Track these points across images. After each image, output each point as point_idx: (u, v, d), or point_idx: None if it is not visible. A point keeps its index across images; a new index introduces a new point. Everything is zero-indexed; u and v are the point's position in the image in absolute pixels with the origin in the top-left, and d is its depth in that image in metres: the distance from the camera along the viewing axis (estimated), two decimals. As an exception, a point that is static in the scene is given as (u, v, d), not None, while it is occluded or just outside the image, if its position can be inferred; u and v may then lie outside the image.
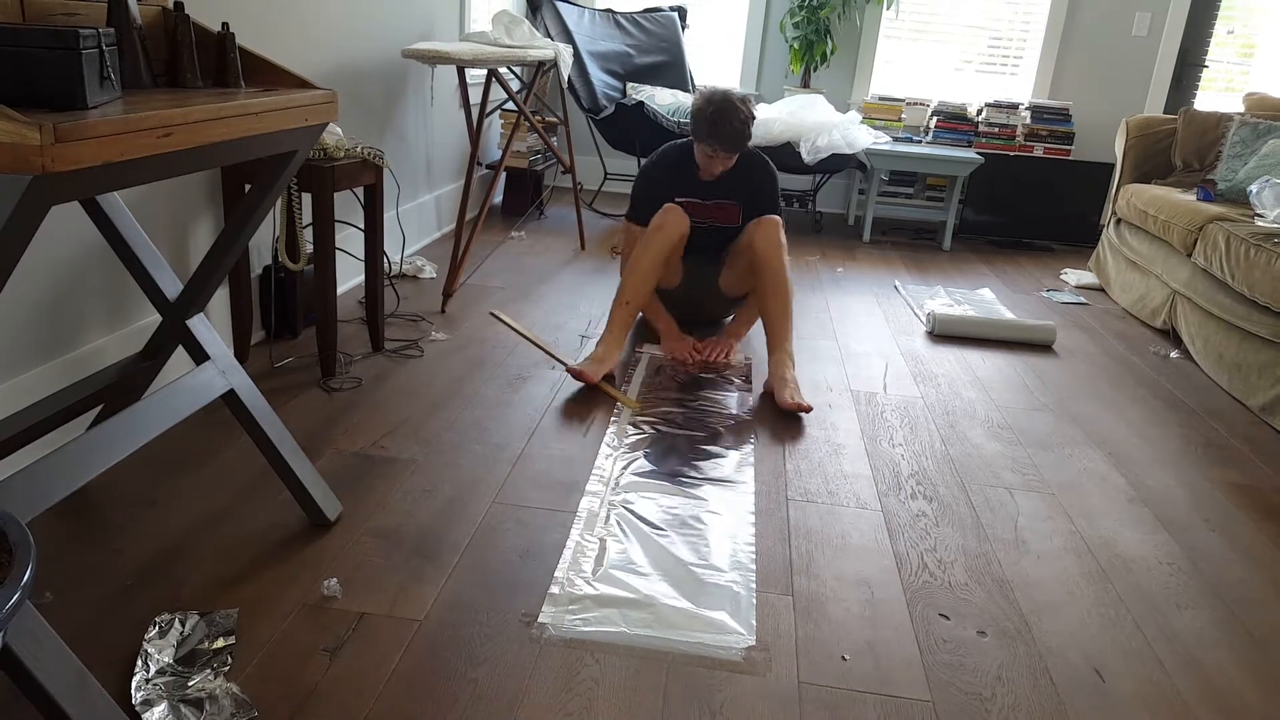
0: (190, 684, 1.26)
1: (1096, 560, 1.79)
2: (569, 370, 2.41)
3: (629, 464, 2.02)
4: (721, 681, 1.37)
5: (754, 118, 2.60)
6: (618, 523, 1.77)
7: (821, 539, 1.79)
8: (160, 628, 1.36)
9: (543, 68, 3.59)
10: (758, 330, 3.03)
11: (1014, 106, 4.76)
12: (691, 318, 3.02)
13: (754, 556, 1.70)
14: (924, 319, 3.29)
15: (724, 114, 2.54)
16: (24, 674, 0.98)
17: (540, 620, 1.47)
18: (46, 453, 1.24)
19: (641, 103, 4.22)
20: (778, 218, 2.64)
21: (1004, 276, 4.12)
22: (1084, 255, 4.70)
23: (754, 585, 1.61)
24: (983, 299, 3.64)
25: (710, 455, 2.09)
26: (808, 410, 2.33)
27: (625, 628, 1.46)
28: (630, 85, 4.55)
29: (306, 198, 2.40)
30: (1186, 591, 1.71)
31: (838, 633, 1.51)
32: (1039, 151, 4.77)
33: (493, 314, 2.79)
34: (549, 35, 4.40)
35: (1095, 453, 2.30)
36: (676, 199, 2.76)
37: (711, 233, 2.84)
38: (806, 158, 4.16)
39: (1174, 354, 3.15)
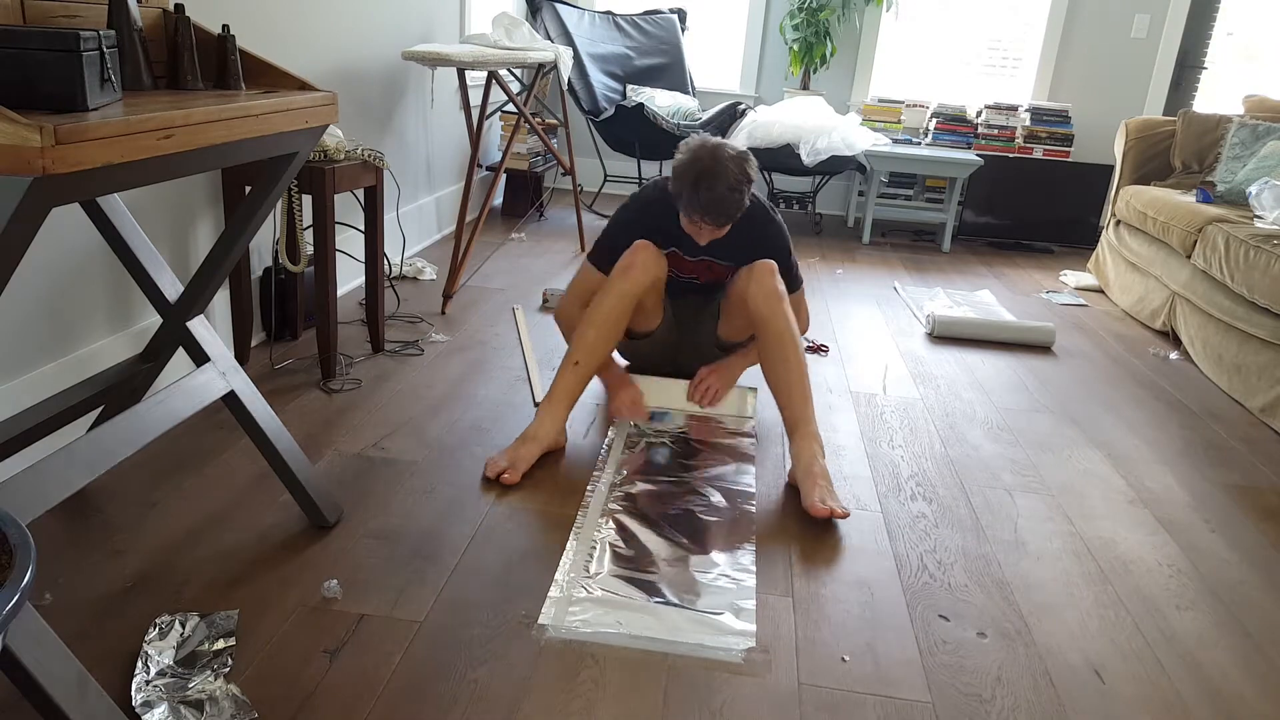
0: (190, 685, 1.26)
1: (1096, 561, 1.79)
2: (486, 471, 1.94)
3: (629, 465, 2.02)
4: (721, 683, 1.37)
5: (749, 180, 2.03)
6: (617, 524, 1.77)
7: (821, 540, 1.79)
8: (160, 629, 1.36)
9: (543, 70, 3.60)
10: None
11: (1013, 108, 4.77)
12: (678, 365, 2.51)
13: (754, 557, 1.70)
14: (923, 320, 3.30)
15: (709, 176, 1.99)
16: (24, 675, 0.98)
17: (540, 621, 1.47)
18: (47, 454, 1.24)
19: (641, 104, 4.22)
20: (771, 262, 2.14)
21: (1003, 278, 4.12)
22: (1083, 257, 4.70)
23: (754, 586, 1.61)
24: (982, 301, 3.64)
25: (710, 458, 2.09)
26: (843, 517, 1.86)
27: (625, 629, 1.46)
28: (630, 87, 4.55)
29: (307, 199, 2.41)
30: (1186, 592, 1.71)
31: (838, 634, 1.51)
32: (1038, 153, 4.78)
33: (514, 309, 2.74)
34: (549, 37, 4.40)
35: (1095, 454, 2.30)
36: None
37: (694, 286, 2.36)
38: (806, 160, 4.16)
39: (1173, 355, 3.15)
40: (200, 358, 1.57)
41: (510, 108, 4.38)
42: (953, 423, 2.42)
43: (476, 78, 4.16)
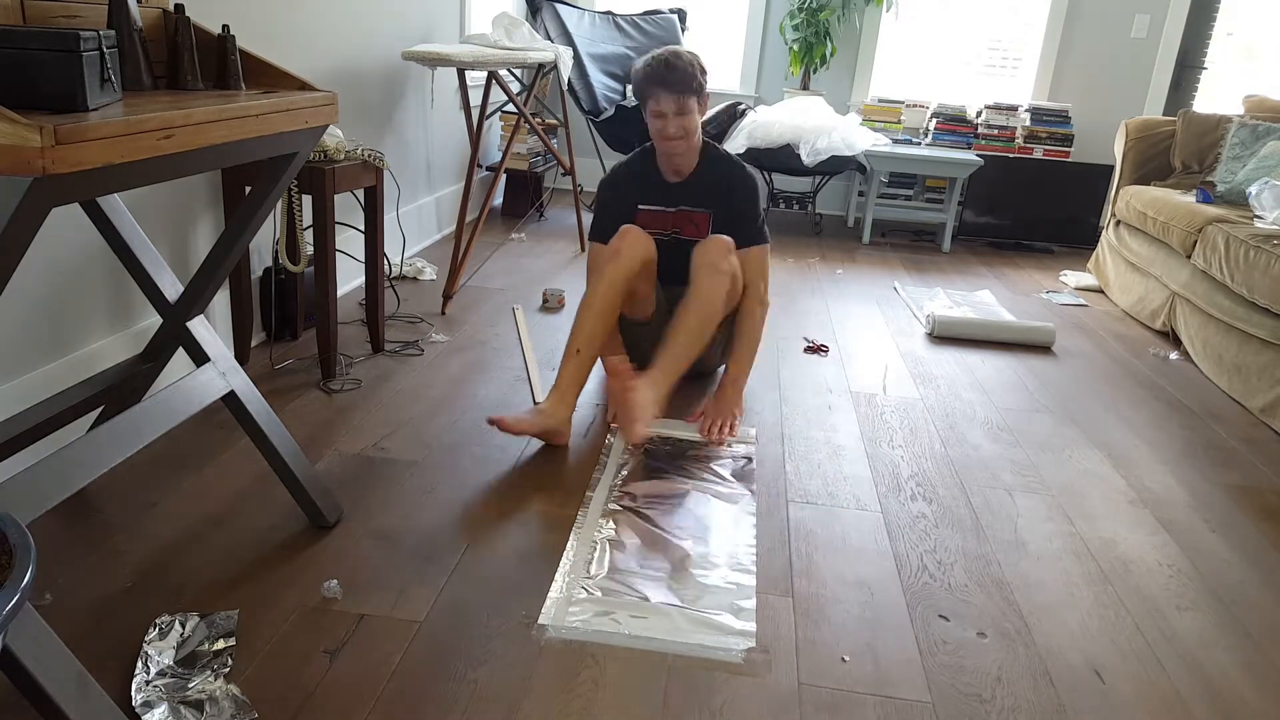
0: (190, 685, 1.27)
1: (1096, 561, 1.79)
2: (489, 419, 2.02)
3: (629, 465, 2.02)
4: (721, 683, 1.37)
5: (702, 67, 2.21)
6: (617, 524, 1.77)
7: (821, 540, 1.79)
8: (160, 629, 1.36)
9: (543, 70, 3.60)
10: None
11: (1013, 108, 4.77)
12: None
13: (754, 558, 1.70)
14: (923, 321, 3.29)
15: (662, 53, 2.19)
16: (24, 675, 0.98)
17: (540, 622, 1.47)
18: (47, 454, 1.24)
19: (641, 105, 4.22)
20: (724, 239, 2.22)
21: (1003, 278, 4.12)
22: (1083, 257, 4.70)
23: (754, 586, 1.61)
24: (982, 301, 3.64)
25: (710, 461, 2.09)
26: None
27: (625, 629, 1.46)
28: (630, 87, 4.55)
29: (307, 200, 2.41)
30: (1186, 593, 1.71)
31: (838, 634, 1.51)
32: (1038, 153, 4.78)
33: (514, 308, 2.74)
34: (549, 37, 4.40)
35: (1095, 454, 2.30)
36: (640, 206, 2.35)
37: (681, 249, 2.33)
38: (806, 160, 4.16)
39: (1173, 356, 3.15)
40: (200, 358, 1.57)
41: (510, 108, 4.38)
42: (953, 423, 2.42)
43: (476, 78, 4.16)
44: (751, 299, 2.31)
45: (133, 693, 1.24)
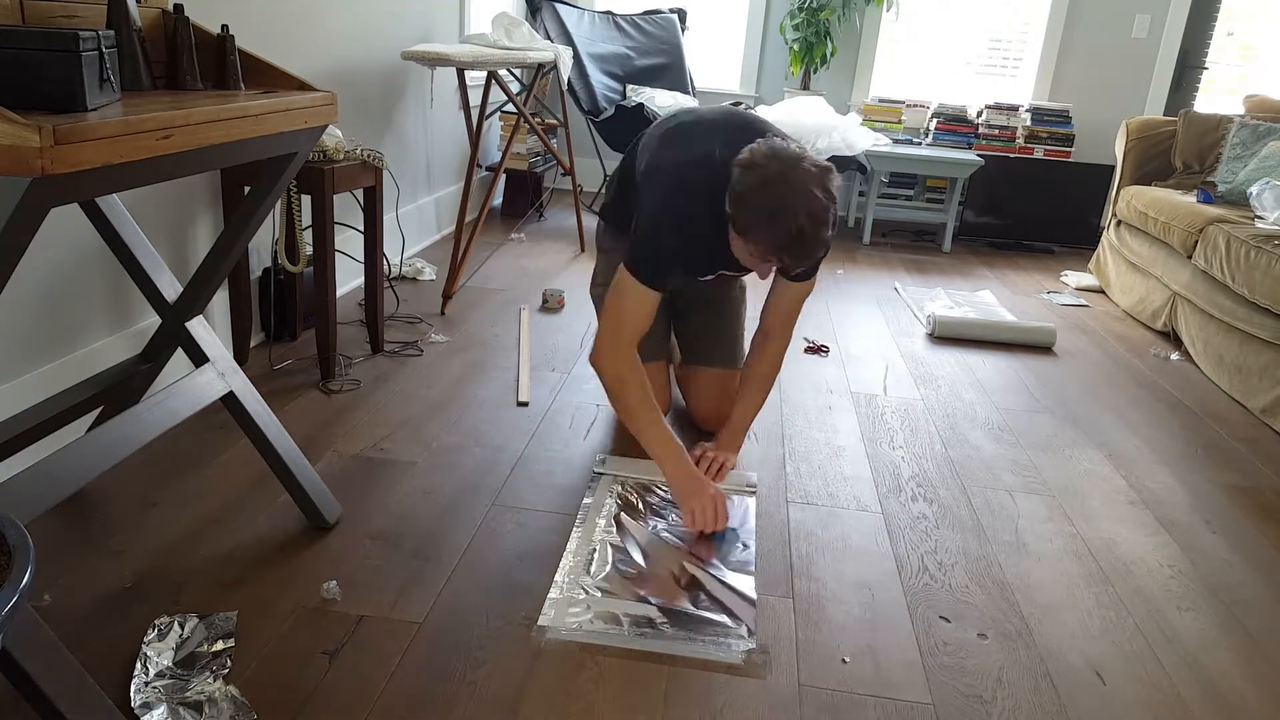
0: (189, 687, 1.26)
1: (1097, 562, 1.79)
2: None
3: (628, 465, 2.02)
4: (721, 684, 1.37)
5: (835, 201, 1.61)
6: (617, 524, 1.77)
7: (822, 541, 1.79)
8: (159, 630, 1.36)
9: (542, 70, 3.59)
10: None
11: (1014, 108, 4.76)
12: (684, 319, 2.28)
13: (754, 558, 1.70)
14: (924, 321, 3.29)
15: (793, 211, 1.57)
16: (23, 677, 0.98)
17: (540, 623, 1.47)
18: (46, 454, 1.24)
19: (641, 104, 4.22)
20: (805, 287, 1.94)
21: (1004, 278, 4.12)
22: (1084, 257, 4.70)
23: (754, 586, 1.60)
24: (983, 301, 3.63)
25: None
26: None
27: (625, 630, 1.46)
28: (630, 87, 4.55)
29: (306, 200, 2.40)
30: (1187, 593, 1.71)
31: (838, 635, 1.50)
32: (1039, 153, 4.77)
33: (521, 308, 2.74)
34: (549, 37, 4.40)
35: (1096, 454, 2.29)
36: (701, 279, 1.94)
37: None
38: (806, 160, 4.15)
39: (1174, 356, 3.15)
40: (199, 358, 1.57)
41: (510, 108, 4.38)
42: (953, 423, 2.42)
43: (476, 78, 4.15)
44: (779, 341, 2.01)
45: (132, 694, 1.24)
